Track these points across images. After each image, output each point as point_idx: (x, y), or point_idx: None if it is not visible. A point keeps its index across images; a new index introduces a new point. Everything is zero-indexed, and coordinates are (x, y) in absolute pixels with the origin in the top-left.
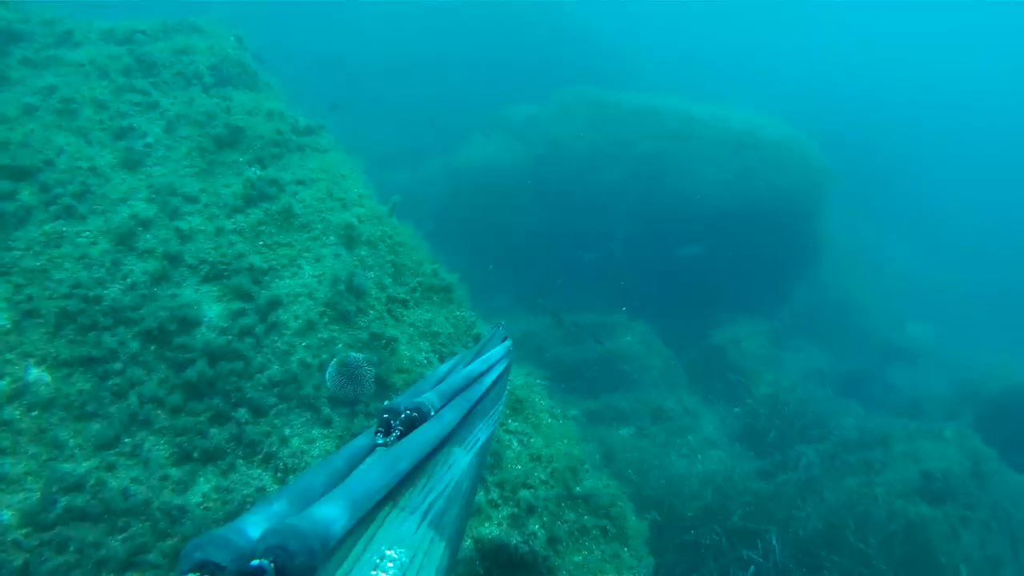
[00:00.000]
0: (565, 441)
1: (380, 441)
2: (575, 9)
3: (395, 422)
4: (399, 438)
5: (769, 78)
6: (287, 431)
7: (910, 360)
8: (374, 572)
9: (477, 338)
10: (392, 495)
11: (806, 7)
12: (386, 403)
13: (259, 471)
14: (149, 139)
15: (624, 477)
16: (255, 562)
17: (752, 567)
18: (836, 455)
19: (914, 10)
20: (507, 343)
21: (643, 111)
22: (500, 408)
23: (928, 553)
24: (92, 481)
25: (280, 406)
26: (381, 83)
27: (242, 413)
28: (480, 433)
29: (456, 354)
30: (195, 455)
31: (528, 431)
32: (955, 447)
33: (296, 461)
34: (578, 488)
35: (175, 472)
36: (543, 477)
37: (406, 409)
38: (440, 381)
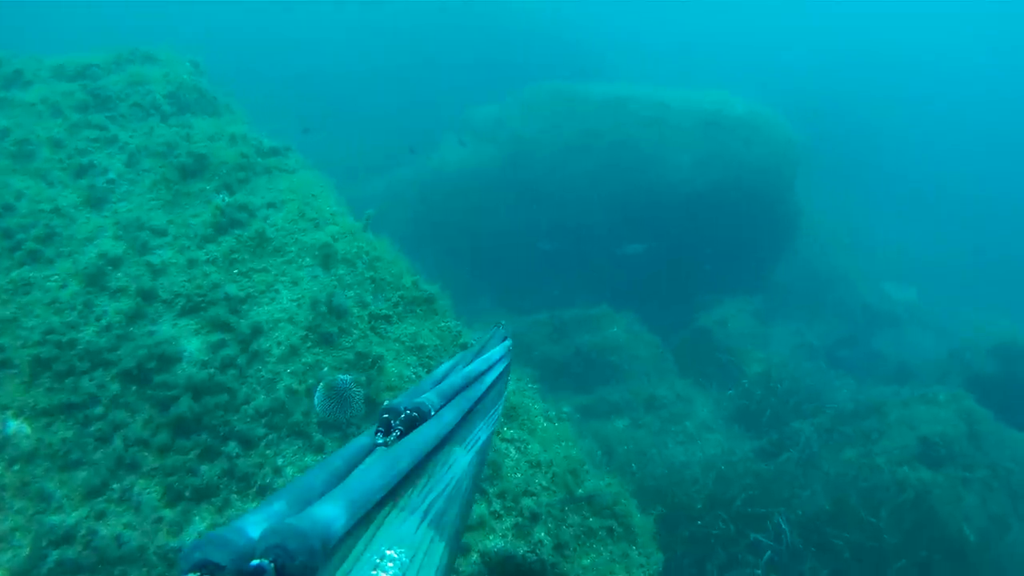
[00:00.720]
0: (563, 444)
1: (380, 441)
2: (537, 6)
3: (395, 422)
4: (399, 438)
5: (738, 58)
6: (280, 461)
7: (895, 324)
8: (374, 572)
9: (464, 347)
10: (392, 495)
11: None
12: (386, 403)
13: (255, 504)
14: (111, 175)
15: (624, 471)
16: (255, 562)
17: (768, 552)
18: (833, 428)
19: None
20: (507, 343)
21: (610, 101)
22: (500, 408)
23: (933, 518)
24: (83, 531)
25: (270, 436)
26: (347, 93)
27: (232, 447)
28: (480, 432)
29: (454, 356)
30: (187, 494)
31: (525, 437)
32: (949, 410)
33: None
34: (580, 490)
35: (169, 513)
36: (544, 483)
37: (406, 409)
38: (440, 381)
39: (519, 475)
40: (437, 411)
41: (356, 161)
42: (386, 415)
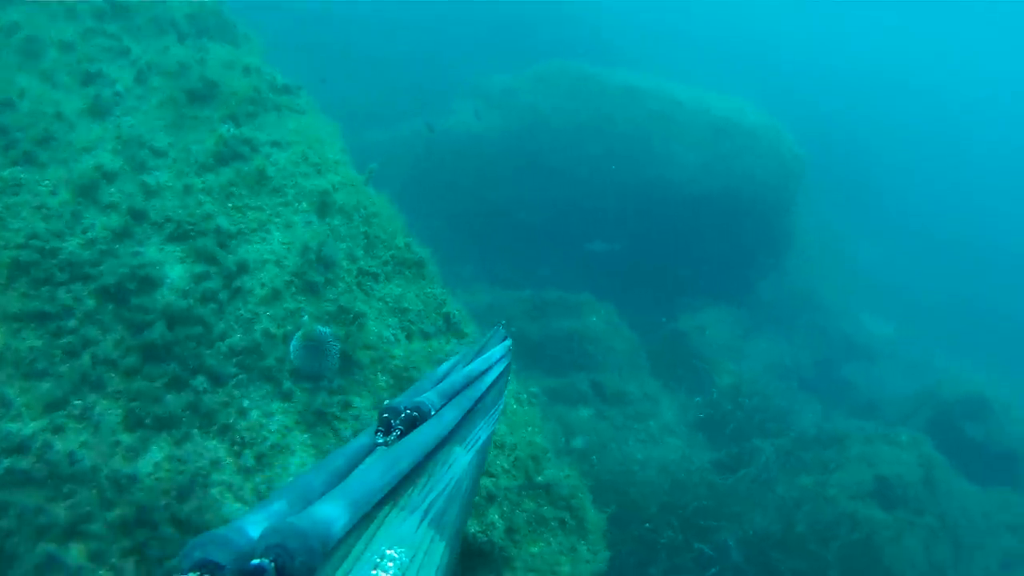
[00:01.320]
0: (529, 428)
1: (380, 440)
2: None
3: (395, 421)
4: (399, 437)
5: (756, 63)
6: (246, 403)
7: (869, 358)
8: (374, 571)
9: (447, 317)
10: (392, 494)
11: None
12: (386, 402)
13: (215, 443)
14: (119, 87)
15: (582, 460)
16: (255, 561)
17: (714, 568)
18: (792, 452)
19: (907, 13)
20: (507, 342)
21: (625, 89)
22: (501, 407)
23: (874, 556)
24: (38, 443)
25: (240, 376)
26: (362, 38)
27: (200, 381)
28: (480, 432)
29: (456, 353)
30: (148, 422)
31: None
32: (909, 453)
33: (253, 435)
34: (539, 477)
35: (127, 438)
36: (505, 465)
37: (406, 408)
38: (440, 380)
39: None
40: (437, 411)
41: (363, 108)
42: (386, 414)
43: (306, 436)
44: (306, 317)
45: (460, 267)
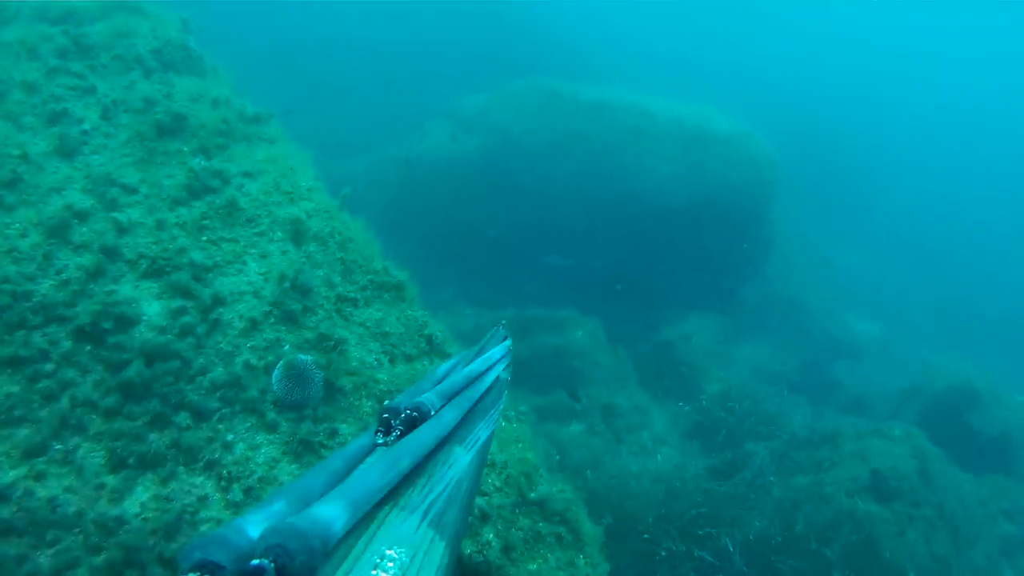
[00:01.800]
0: (520, 445)
1: (380, 441)
2: (532, 1)
3: (395, 422)
4: (399, 438)
5: (727, 74)
6: (230, 436)
7: (856, 356)
8: (374, 571)
9: (429, 339)
10: (392, 495)
11: (764, 6)
12: (386, 403)
13: (201, 479)
14: (86, 125)
15: (576, 476)
16: (255, 561)
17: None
18: (786, 453)
19: (869, 15)
20: (507, 343)
21: (597, 104)
22: (500, 407)
23: (875, 551)
24: (19, 492)
25: (223, 410)
26: (334, 67)
27: (183, 417)
28: (480, 432)
29: (454, 356)
30: (132, 461)
31: None
32: (902, 446)
33: (240, 468)
34: (533, 494)
35: (111, 480)
36: (497, 484)
37: (406, 409)
38: (440, 381)
39: None
40: (437, 411)
41: (337, 137)
42: (386, 415)
43: (294, 467)
44: (287, 347)
45: (439, 290)
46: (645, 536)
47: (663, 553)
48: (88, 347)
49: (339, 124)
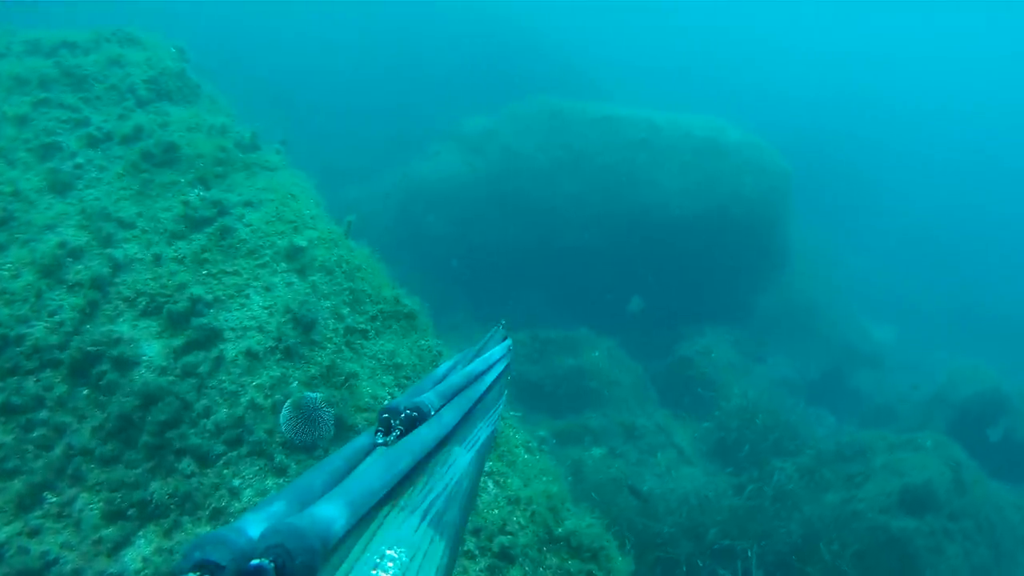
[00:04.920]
0: (544, 478)
1: (380, 441)
2: (532, 22)
3: (395, 421)
4: (399, 438)
5: (727, 87)
6: (237, 482)
7: (875, 365)
8: (374, 572)
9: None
10: (392, 495)
11: (763, 20)
12: (386, 403)
13: (207, 528)
14: (79, 159)
15: (600, 502)
16: (255, 561)
17: None
18: (815, 469)
19: (868, 21)
20: (507, 342)
21: (603, 120)
22: (501, 407)
23: (915, 569)
24: (12, 550)
25: (229, 454)
26: (336, 95)
27: (186, 464)
28: (480, 432)
29: (454, 356)
30: (131, 513)
31: (504, 470)
32: (935, 457)
33: None
34: (560, 529)
35: (110, 533)
36: (522, 521)
37: (406, 409)
38: (440, 381)
39: (496, 511)
40: (437, 411)
41: (339, 164)
42: (386, 415)
43: None
44: (294, 384)
45: (451, 315)
46: (668, 549)
47: (684, 566)
48: (85, 391)
49: (340, 150)
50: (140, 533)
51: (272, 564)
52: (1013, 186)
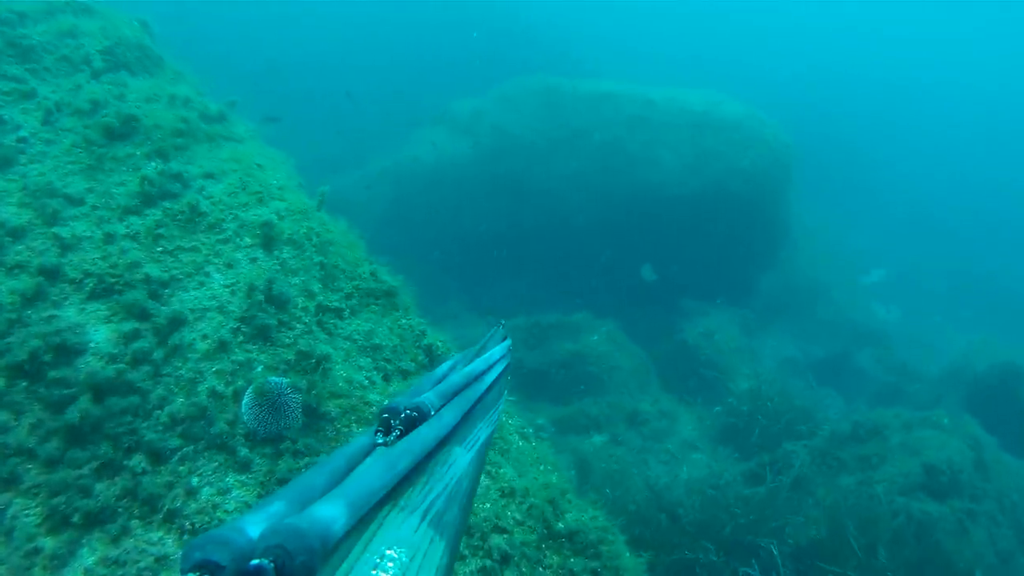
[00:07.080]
0: (541, 468)
1: (380, 440)
2: (524, 7)
3: (395, 421)
4: (399, 438)
5: (726, 68)
6: (195, 480)
7: (882, 342)
8: (374, 572)
9: (429, 350)
10: (392, 495)
11: None
12: (386, 403)
13: (159, 533)
14: (23, 132)
15: (602, 493)
16: (255, 561)
17: None
18: (828, 451)
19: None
20: (507, 342)
21: (596, 96)
22: (501, 407)
23: (940, 555)
24: None
25: (185, 449)
26: (324, 81)
27: (137, 461)
28: (481, 432)
29: (454, 356)
30: (76, 519)
31: (496, 459)
32: (954, 435)
33: (206, 518)
34: (560, 524)
35: (49, 543)
36: (518, 517)
37: (406, 409)
38: (440, 381)
39: (488, 505)
40: (437, 411)
41: (332, 153)
42: (386, 415)
43: None
44: (260, 368)
45: (444, 304)
46: (687, 554)
47: (702, 562)
48: (23, 383)
49: (330, 140)
50: (84, 541)
51: (272, 564)
52: (1015, 160)
